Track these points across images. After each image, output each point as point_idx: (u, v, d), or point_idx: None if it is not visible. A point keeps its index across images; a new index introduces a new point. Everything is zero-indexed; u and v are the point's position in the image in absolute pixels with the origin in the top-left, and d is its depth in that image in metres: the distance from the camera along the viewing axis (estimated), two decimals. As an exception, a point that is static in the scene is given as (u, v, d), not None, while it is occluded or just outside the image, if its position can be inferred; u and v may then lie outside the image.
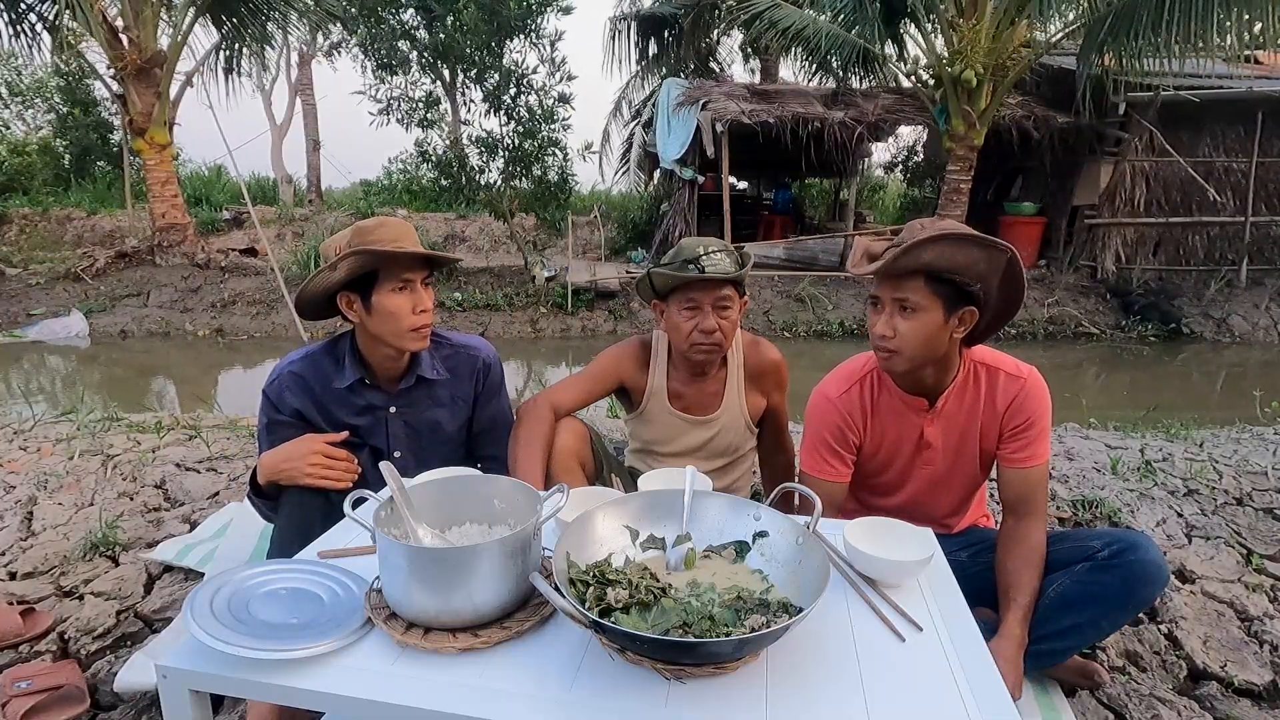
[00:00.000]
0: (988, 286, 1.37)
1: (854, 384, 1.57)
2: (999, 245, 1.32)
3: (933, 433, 1.54)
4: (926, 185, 13.29)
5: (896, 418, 1.56)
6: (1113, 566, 1.36)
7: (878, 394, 1.56)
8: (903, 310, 1.38)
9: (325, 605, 0.98)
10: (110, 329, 7.80)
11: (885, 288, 1.40)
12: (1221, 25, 6.33)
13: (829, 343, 7.96)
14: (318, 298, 1.53)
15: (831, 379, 1.62)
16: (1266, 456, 3.00)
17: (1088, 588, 1.37)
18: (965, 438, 1.54)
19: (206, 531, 2.21)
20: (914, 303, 1.36)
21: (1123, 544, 1.38)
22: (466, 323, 8.05)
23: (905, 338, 1.39)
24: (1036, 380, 1.50)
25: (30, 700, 1.44)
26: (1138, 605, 1.40)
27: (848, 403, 1.56)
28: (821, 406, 1.59)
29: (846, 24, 8.05)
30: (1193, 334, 8.08)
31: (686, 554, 1.06)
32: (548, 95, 8.83)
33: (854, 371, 1.59)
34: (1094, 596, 1.37)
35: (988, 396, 1.50)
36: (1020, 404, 1.48)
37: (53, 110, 14.12)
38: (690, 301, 1.67)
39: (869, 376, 1.57)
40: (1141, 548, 1.36)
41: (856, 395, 1.57)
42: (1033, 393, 1.48)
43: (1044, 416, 1.48)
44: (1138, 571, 1.35)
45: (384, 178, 16.00)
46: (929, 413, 1.52)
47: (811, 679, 0.88)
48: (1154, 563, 1.35)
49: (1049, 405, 1.50)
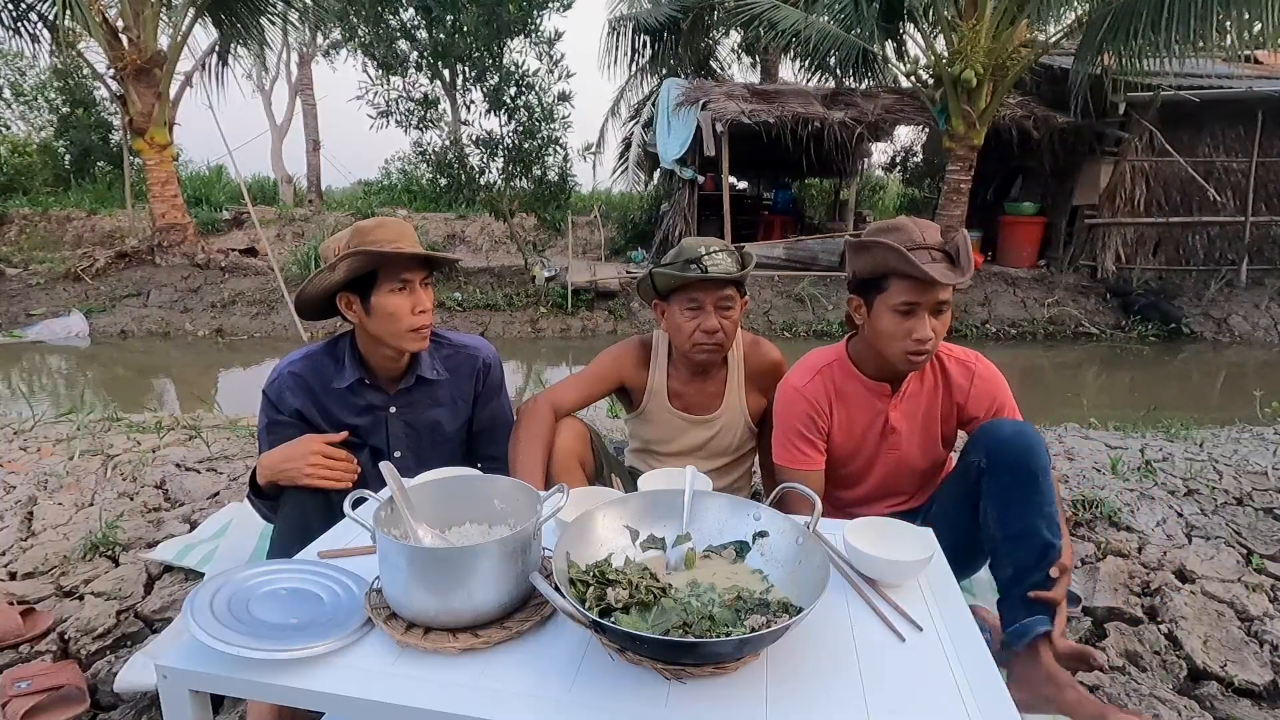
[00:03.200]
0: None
1: (817, 373, 1.62)
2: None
3: (897, 417, 1.59)
4: (926, 185, 13.29)
5: (861, 404, 1.60)
6: (997, 466, 1.39)
7: (842, 382, 1.61)
8: (938, 313, 1.45)
9: (325, 605, 0.98)
10: (110, 329, 7.80)
11: (931, 293, 1.42)
12: (1221, 25, 6.33)
13: (829, 343, 7.91)
14: (317, 298, 1.53)
15: (795, 372, 1.67)
16: (1266, 456, 3.00)
17: (997, 499, 1.38)
18: (928, 420, 1.60)
19: (206, 531, 2.21)
20: (947, 301, 1.45)
21: (990, 440, 1.42)
22: (466, 323, 8.05)
23: (939, 334, 1.46)
24: (984, 362, 1.59)
25: (30, 700, 1.44)
26: (1038, 475, 1.35)
27: (814, 391, 1.60)
28: (789, 397, 1.63)
29: (845, 24, 8.05)
30: (1193, 334, 8.08)
31: (686, 554, 1.06)
32: (547, 94, 8.83)
33: (816, 363, 1.64)
34: (1005, 500, 1.37)
35: (943, 379, 1.59)
36: (981, 391, 1.56)
37: (53, 110, 14.13)
38: (692, 301, 1.67)
39: (832, 365, 1.63)
40: (1005, 431, 1.40)
41: (821, 385, 1.61)
42: (988, 373, 1.58)
43: (1006, 390, 1.58)
44: (1018, 451, 1.36)
45: (383, 178, 16.02)
46: (893, 397, 1.58)
47: (811, 679, 0.88)
48: (1019, 432, 1.38)
49: (1003, 378, 1.60)
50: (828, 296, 8.62)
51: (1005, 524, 1.37)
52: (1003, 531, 1.37)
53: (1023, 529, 1.34)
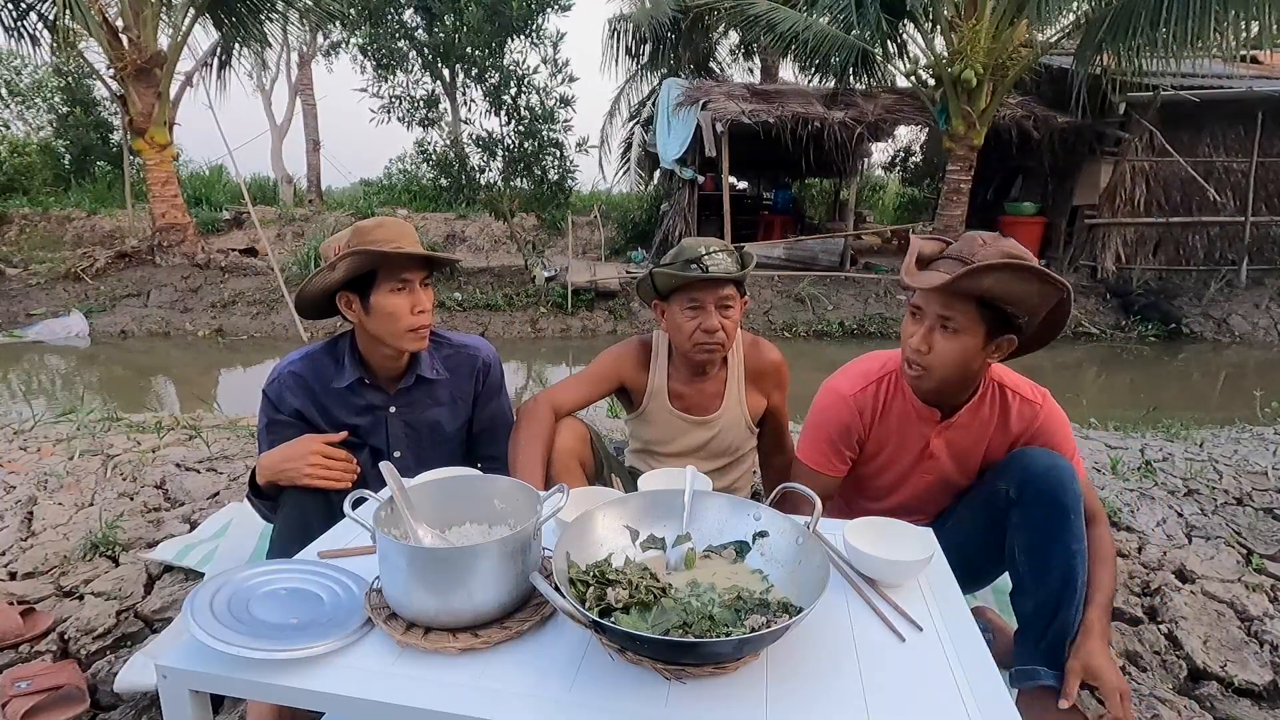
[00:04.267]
0: (1033, 319, 1.34)
1: (871, 383, 1.53)
2: (1057, 283, 1.28)
3: (938, 444, 1.51)
4: (926, 185, 13.30)
5: (905, 424, 1.52)
6: (1028, 499, 1.34)
7: (892, 397, 1.52)
8: (944, 328, 1.33)
9: (325, 605, 0.98)
10: (110, 329, 7.80)
11: (934, 302, 1.33)
12: (1220, 24, 6.33)
13: (829, 343, 7.96)
14: (317, 297, 1.53)
15: (847, 374, 1.57)
16: (1266, 456, 3.00)
17: (1026, 532, 1.34)
18: (971, 453, 1.51)
19: (206, 531, 2.21)
20: (959, 324, 1.31)
21: (1024, 472, 1.36)
22: (466, 323, 8.05)
23: (941, 356, 1.34)
24: (1052, 404, 1.48)
25: (30, 700, 1.44)
26: (1069, 513, 1.31)
27: (860, 401, 1.52)
28: (833, 402, 1.54)
29: (845, 25, 8.05)
30: (1193, 334, 8.08)
31: (686, 554, 1.06)
32: (549, 96, 8.83)
33: (871, 370, 1.55)
34: (1033, 534, 1.33)
35: (1000, 417, 1.48)
36: (1041, 429, 1.46)
37: (53, 110, 14.13)
38: (693, 301, 1.67)
39: (888, 378, 1.53)
40: (1039, 465, 1.34)
41: (871, 395, 1.52)
42: (1052, 416, 1.47)
43: (1070, 437, 1.47)
44: (1050, 487, 1.31)
45: (384, 178, 16.03)
46: (940, 425, 1.49)
47: (811, 679, 0.88)
48: (1054, 467, 1.33)
49: (1069, 425, 1.50)
50: (828, 296, 8.62)
51: (1031, 558, 1.34)
52: (1029, 565, 1.35)
53: (1048, 565, 1.31)
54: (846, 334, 8.07)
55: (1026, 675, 1.30)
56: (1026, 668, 1.30)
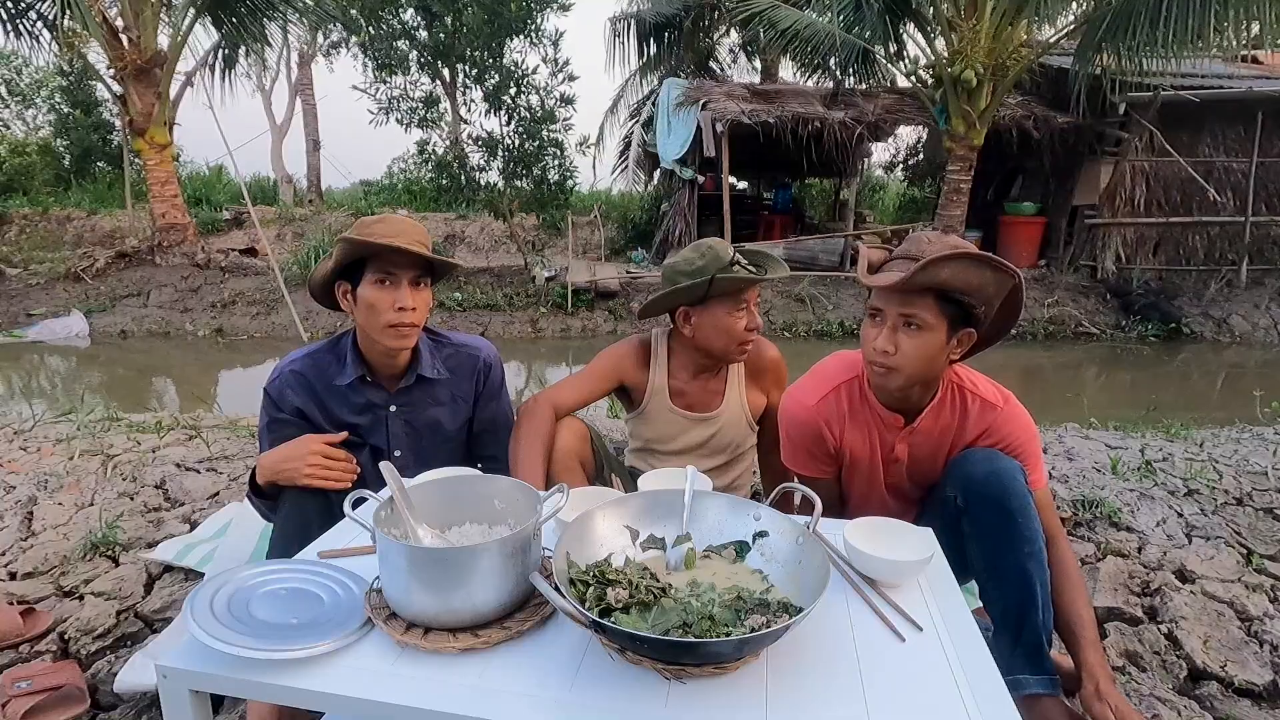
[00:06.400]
0: (989, 310, 1.34)
1: (833, 389, 1.51)
2: (1008, 269, 1.28)
3: (902, 449, 1.50)
4: (926, 185, 13.29)
5: (870, 430, 1.51)
6: (973, 506, 1.33)
7: (857, 403, 1.50)
8: (907, 326, 1.32)
9: (325, 605, 0.98)
10: (110, 329, 7.81)
11: (893, 302, 1.32)
12: (1219, 24, 6.33)
13: (829, 343, 7.95)
14: (319, 286, 1.58)
15: (808, 384, 1.55)
16: (1266, 456, 3.00)
17: (979, 540, 1.34)
18: (934, 457, 1.49)
19: (206, 531, 2.21)
20: (922, 320, 1.30)
21: (965, 479, 1.35)
22: (466, 323, 8.05)
23: (907, 355, 1.33)
24: (1015, 408, 1.44)
25: (30, 700, 1.44)
26: (1015, 515, 1.30)
27: (825, 410, 1.50)
28: (798, 417, 1.52)
29: (846, 24, 8.05)
30: (1193, 334, 8.08)
31: (686, 554, 1.06)
32: (549, 96, 8.83)
33: (832, 375, 1.53)
34: (985, 540, 1.32)
35: (960, 420, 1.45)
36: (997, 432, 1.42)
37: (53, 110, 14.13)
38: (739, 302, 1.71)
39: (851, 383, 1.51)
40: (978, 472, 1.33)
41: (834, 402, 1.50)
42: (1011, 420, 1.43)
43: (1030, 442, 1.43)
44: (993, 493, 1.31)
45: (385, 178, 16.03)
46: (904, 430, 1.47)
47: (811, 679, 0.88)
48: (993, 473, 1.31)
49: (1034, 430, 1.45)
50: (828, 296, 8.62)
51: (987, 566, 1.34)
52: (986, 574, 1.35)
53: (1003, 574, 1.31)
54: (846, 334, 8.06)
55: (1013, 685, 1.29)
56: (1011, 677, 1.29)
